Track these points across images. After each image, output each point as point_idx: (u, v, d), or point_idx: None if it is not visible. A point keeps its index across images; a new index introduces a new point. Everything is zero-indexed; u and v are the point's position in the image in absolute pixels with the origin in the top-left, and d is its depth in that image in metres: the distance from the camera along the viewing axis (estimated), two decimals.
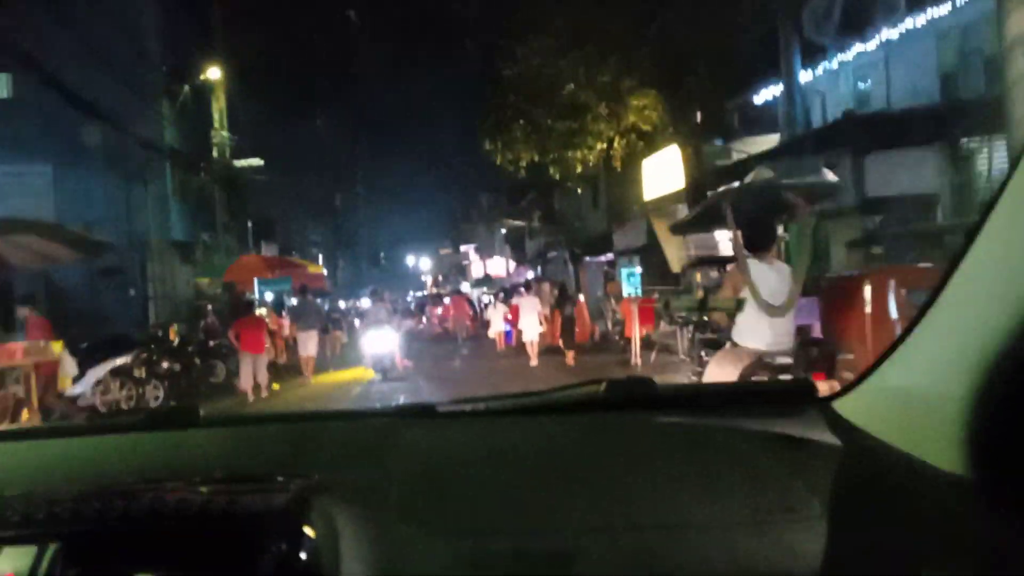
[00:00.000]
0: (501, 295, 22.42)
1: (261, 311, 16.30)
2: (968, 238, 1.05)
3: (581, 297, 20.45)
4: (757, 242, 6.01)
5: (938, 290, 1.12)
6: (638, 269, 25.07)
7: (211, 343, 14.88)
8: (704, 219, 9.06)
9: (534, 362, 15.93)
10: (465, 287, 46.22)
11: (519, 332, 17.14)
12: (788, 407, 1.50)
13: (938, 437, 1.04)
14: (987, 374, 0.97)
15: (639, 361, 14.22)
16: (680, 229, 10.51)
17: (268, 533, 1.13)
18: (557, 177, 17.40)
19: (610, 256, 25.45)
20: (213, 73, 23.41)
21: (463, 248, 61.99)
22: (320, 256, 46.85)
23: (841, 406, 1.38)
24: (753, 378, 5.53)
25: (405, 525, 1.29)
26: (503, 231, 46.29)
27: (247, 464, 1.52)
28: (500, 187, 51.24)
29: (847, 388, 1.39)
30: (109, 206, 22.19)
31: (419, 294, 51.00)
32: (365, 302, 17.11)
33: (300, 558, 1.13)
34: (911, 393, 1.16)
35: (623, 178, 21.46)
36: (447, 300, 30.88)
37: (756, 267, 5.81)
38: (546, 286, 20.83)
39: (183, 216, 24.65)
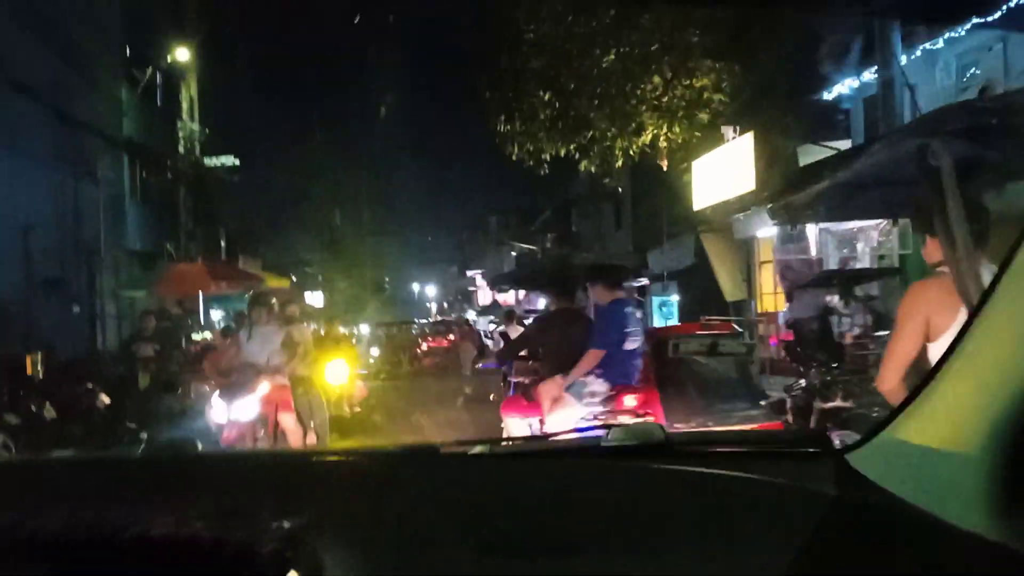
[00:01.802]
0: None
1: (206, 335, 12.60)
2: (991, 284, 1.02)
3: None
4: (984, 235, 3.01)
5: (958, 339, 1.09)
6: (674, 298, 21.38)
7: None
8: (865, 180, 4.87)
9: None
10: (471, 315, 42.67)
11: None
12: (801, 457, 1.49)
13: (957, 493, 1.02)
14: (1003, 428, 0.95)
15: None
16: (801, 210, 6.05)
17: (254, 573, 1.12)
18: (593, 170, 13.76)
19: (643, 281, 21.76)
20: (182, 55, 19.97)
21: (469, 273, 58.87)
22: (319, 278, 43.60)
23: (855, 459, 1.33)
24: None
25: (396, 571, 1.27)
26: (513, 254, 43.03)
27: (241, 500, 1.45)
28: (510, 208, 48.38)
29: (863, 440, 1.34)
30: (54, 206, 18.84)
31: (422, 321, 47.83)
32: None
33: None
34: (929, 447, 1.13)
35: (659, 184, 17.85)
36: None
37: None
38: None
39: (143, 222, 21.19)
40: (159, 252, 21.59)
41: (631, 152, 12.70)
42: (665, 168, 14.16)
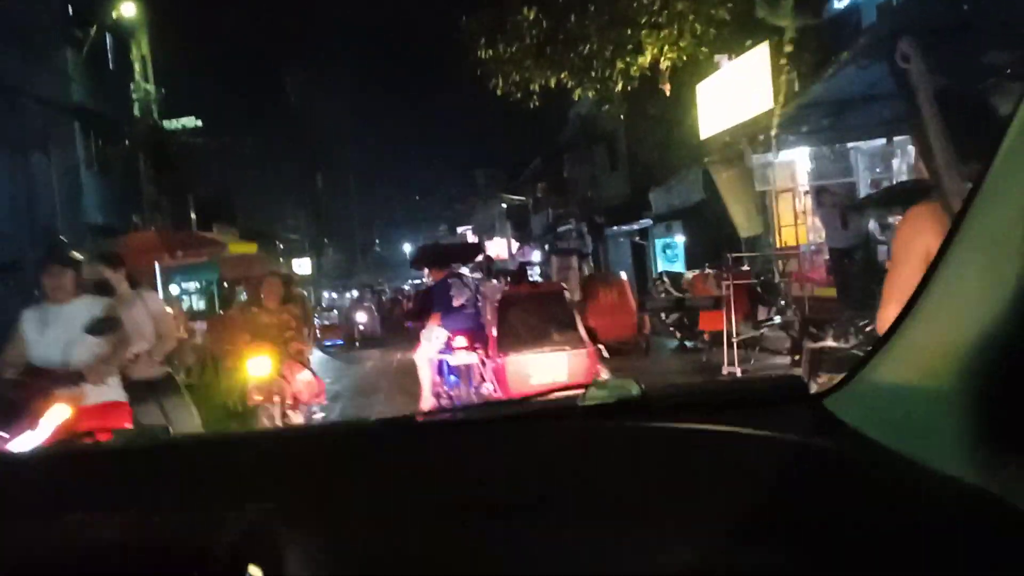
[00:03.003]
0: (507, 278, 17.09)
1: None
2: (954, 223, 0.99)
3: (624, 275, 15.31)
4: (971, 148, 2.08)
5: (927, 279, 1.04)
6: (679, 238, 20.03)
7: None
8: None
9: None
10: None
11: None
12: (777, 405, 1.43)
13: (934, 437, 1.00)
14: (979, 367, 0.93)
15: (736, 369, 9.30)
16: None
17: (209, 572, 1.04)
18: (590, 95, 12.27)
19: (646, 222, 20.34)
20: (128, 9, 18.25)
21: (460, 230, 57.51)
22: (306, 244, 42.28)
23: (832, 403, 1.29)
24: None
25: (367, 555, 1.21)
26: (503, 207, 41.54)
27: (201, 490, 1.40)
28: (498, 160, 46.85)
29: (840, 384, 1.29)
30: (3, 184, 17.36)
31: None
32: None
33: None
34: (904, 389, 1.10)
35: (660, 116, 16.35)
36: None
37: None
38: (573, 260, 15.72)
39: (103, 194, 19.67)
40: (123, 225, 20.08)
41: (631, 73, 11.19)
42: (667, 93, 12.65)
